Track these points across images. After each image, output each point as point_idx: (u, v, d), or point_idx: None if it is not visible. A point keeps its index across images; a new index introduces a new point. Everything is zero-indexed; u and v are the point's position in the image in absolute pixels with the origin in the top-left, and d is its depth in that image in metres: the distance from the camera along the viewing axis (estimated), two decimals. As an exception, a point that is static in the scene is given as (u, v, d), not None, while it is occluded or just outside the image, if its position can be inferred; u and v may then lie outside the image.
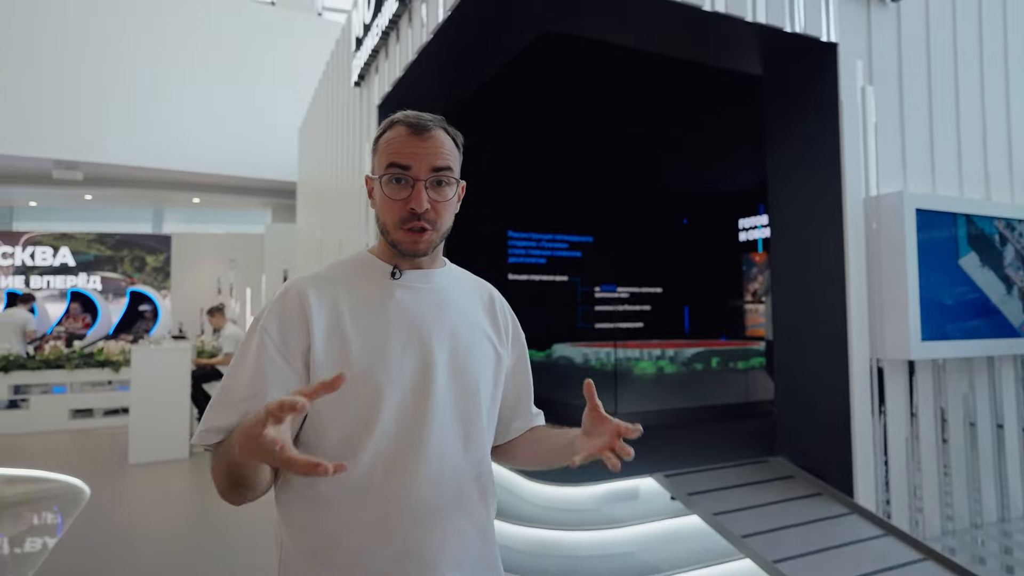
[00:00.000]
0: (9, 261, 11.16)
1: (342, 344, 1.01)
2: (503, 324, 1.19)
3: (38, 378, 7.43)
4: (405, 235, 1.06)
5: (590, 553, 3.15)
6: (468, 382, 1.08)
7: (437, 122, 1.08)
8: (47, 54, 8.60)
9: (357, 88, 5.26)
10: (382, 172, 1.06)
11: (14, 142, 8.37)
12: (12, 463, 5.85)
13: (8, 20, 8.49)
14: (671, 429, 5.10)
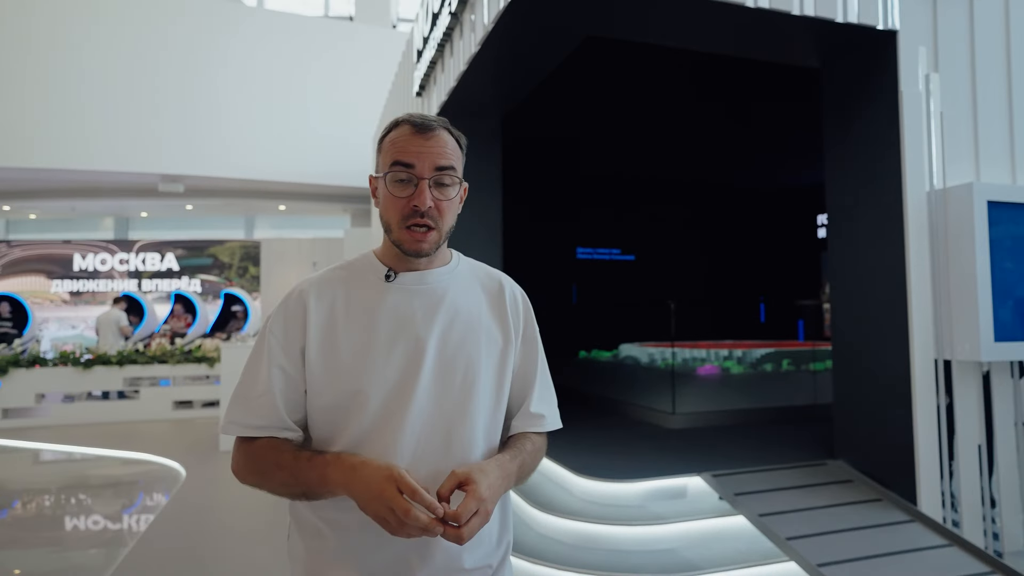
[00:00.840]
0: (125, 266, 12.38)
1: (333, 344, 1.05)
2: (513, 317, 1.16)
3: (147, 372, 8.24)
4: (408, 234, 1.06)
5: (633, 548, 3.21)
6: (457, 380, 1.06)
7: (441, 123, 1.10)
8: (150, 81, 9.48)
9: (419, 98, 5.51)
10: (386, 170, 1.07)
11: (126, 159, 9.30)
12: (126, 446, 6.55)
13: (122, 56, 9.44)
14: (728, 430, 5.02)
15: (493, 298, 1.16)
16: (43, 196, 10.85)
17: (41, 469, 6.22)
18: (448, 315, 1.09)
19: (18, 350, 8.26)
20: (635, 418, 5.65)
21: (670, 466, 3.83)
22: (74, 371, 7.97)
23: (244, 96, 9.88)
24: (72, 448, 6.66)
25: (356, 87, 10.33)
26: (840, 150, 3.98)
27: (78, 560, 3.81)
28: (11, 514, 4.81)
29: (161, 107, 9.46)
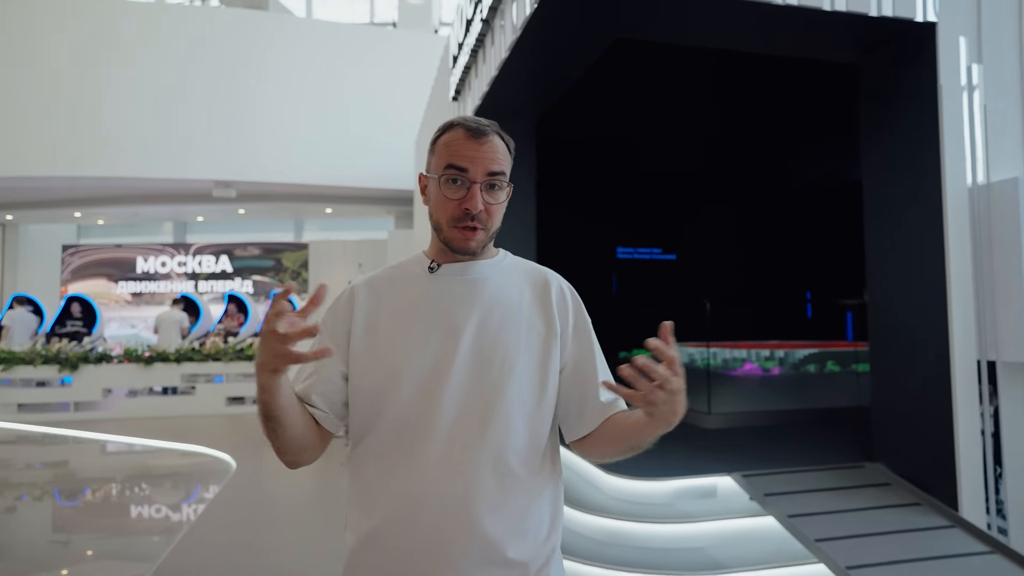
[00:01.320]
0: (183, 268, 13.00)
1: (375, 331, 1.11)
2: (559, 311, 1.15)
3: (202, 369, 8.65)
4: (458, 233, 1.09)
5: (660, 546, 3.23)
6: (494, 367, 1.07)
7: (493, 127, 1.12)
8: (205, 93, 9.94)
9: (455, 102, 5.63)
10: (440, 172, 1.10)
11: (183, 167, 9.79)
12: (183, 439, 6.91)
13: (179, 72, 9.93)
14: (766, 431, 4.96)
15: (537, 290, 1.16)
16: (110, 203, 11.51)
17: (107, 459, 6.63)
18: (487, 303, 1.11)
19: (87, 348, 8.79)
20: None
21: (701, 465, 3.82)
22: (136, 368, 8.44)
23: (292, 104, 10.24)
24: (134, 440, 7.07)
25: (398, 92, 10.57)
26: (877, 145, 3.89)
27: (138, 545, 4.08)
28: (82, 500, 5.17)
29: (215, 117, 9.91)
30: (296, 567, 3.46)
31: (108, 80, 9.73)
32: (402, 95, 10.48)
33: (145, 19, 10.26)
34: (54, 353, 8.39)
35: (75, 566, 3.57)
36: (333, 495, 4.77)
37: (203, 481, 5.54)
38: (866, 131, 4.00)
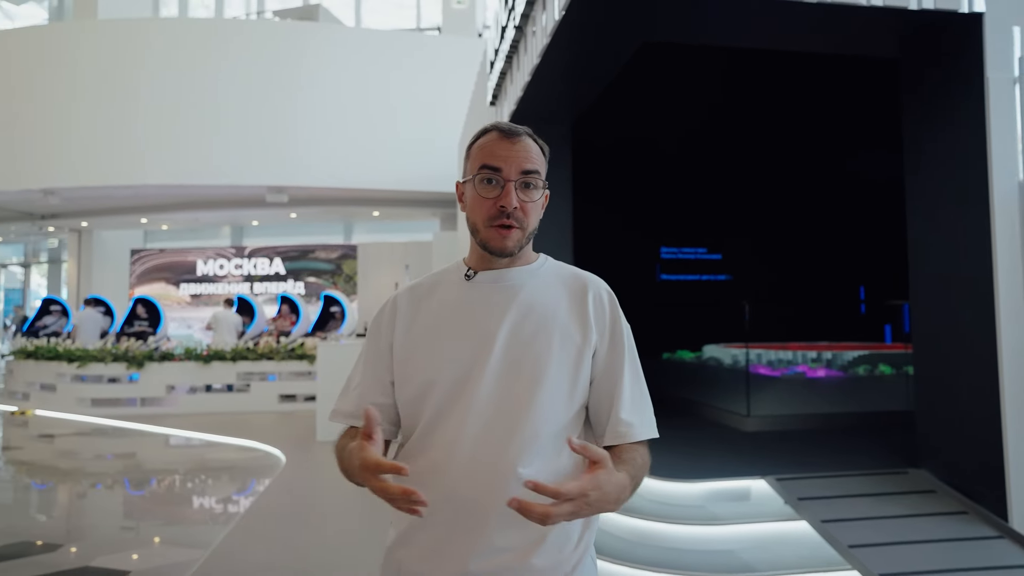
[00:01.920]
0: (239, 271, 13.57)
1: (414, 339, 1.13)
2: (596, 318, 1.13)
3: (256, 368, 9.03)
4: (494, 232, 1.10)
5: (689, 547, 3.23)
6: (524, 375, 1.07)
7: (526, 131, 1.14)
8: (257, 102, 10.36)
9: (492, 107, 5.73)
10: (475, 173, 1.11)
11: (237, 174, 10.24)
12: (238, 434, 7.25)
13: (233, 82, 10.39)
14: (806, 435, 4.86)
15: (574, 297, 1.14)
16: (172, 209, 12.13)
17: (170, 452, 7.01)
18: (521, 311, 1.10)
19: (152, 347, 9.31)
20: (710, 420, 5.58)
21: (735, 468, 3.79)
22: (196, 366, 8.88)
23: (341, 110, 10.56)
24: (194, 434, 7.46)
25: (442, 96, 10.76)
26: (919, 141, 3.77)
27: (195, 533, 4.33)
28: (147, 489, 5.52)
29: (267, 125, 10.33)
30: (336, 560, 3.61)
31: (170, 94, 10.26)
32: (446, 99, 10.65)
33: (206, 36, 10.79)
34: (122, 351, 8.92)
35: (139, 549, 3.83)
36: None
37: (256, 475, 5.81)
38: (908, 127, 3.88)
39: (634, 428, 1.10)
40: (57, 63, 10.52)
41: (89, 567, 3.43)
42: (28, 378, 9.46)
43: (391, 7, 15.88)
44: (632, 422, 1.10)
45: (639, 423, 1.11)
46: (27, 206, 11.89)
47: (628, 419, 1.10)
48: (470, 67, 10.09)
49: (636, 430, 1.10)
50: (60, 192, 10.58)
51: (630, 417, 1.11)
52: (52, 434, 7.69)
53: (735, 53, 4.11)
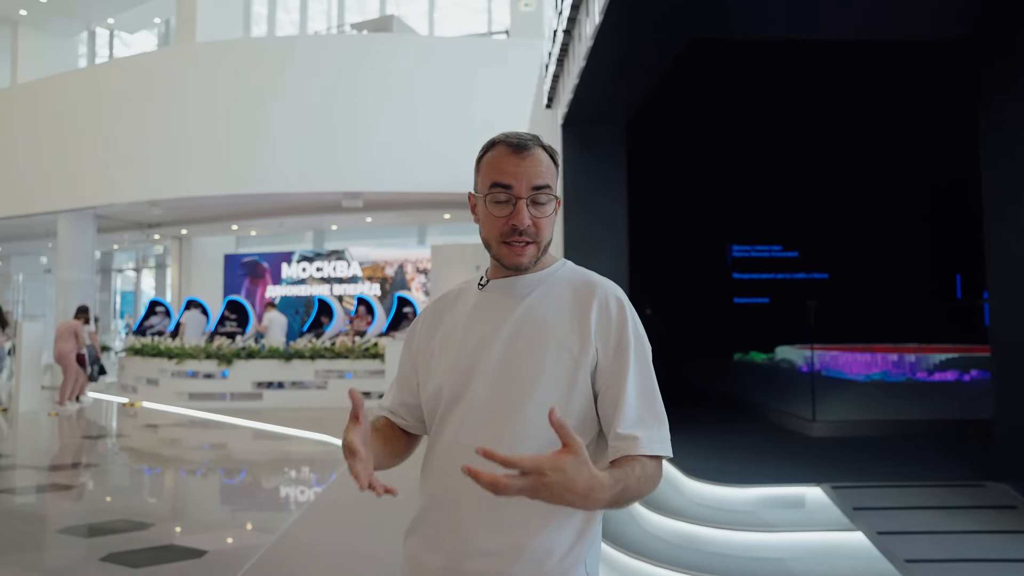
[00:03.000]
0: (320, 273, 14.30)
1: (431, 350, 1.18)
2: (598, 327, 1.09)
3: (333, 366, 9.52)
4: (507, 249, 1.10)
5: (736, 553, 3.17)
6: (515, 385, 1.07)
7: (536, 141, 1.13)
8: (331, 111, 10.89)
9: (548, 110, 5.79)
10: (485, 191, 1.11)
11: (315, 181, 10.81)
12: (315, 429, 7.68)
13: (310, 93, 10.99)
14: (877, 442, 4.61)
15: (578, 304, 1.11)
16: (259, 216, 12.97)
17: (255, 443, 7.53)
18: (521, 319, 1.10)
19: (240, 346, 10.00)
20: (775, 423, 5.39)
21: (791, 474, 3.67)
22: (278, 364, 9.47)
23: (413, 117, 10.92)
24: (276, 427, 7.97)
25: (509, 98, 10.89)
26: (996, 131, 3.50)
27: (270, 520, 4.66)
28: (236, 477, 5.98)
29: (343, 133, 10.84)
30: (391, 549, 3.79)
31: (256, 109, 10.98)
32: (513, 100, 10.78)
33: (289, 53, 11.47)
34: (214, 349, 9.64)
35: (218, 531, 4.18)
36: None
37: (328, 468, 6.15)
38: (984, 113, 3.61)
39: (637, 443, 1.03)
40: (161, 86, 11.49)
41: (173, 545, 3.78)
42: (136, 373, 10.40)
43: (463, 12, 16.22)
44: (636, 436, 1.04)
45: (645, 437, 1.04)
46: (135, 216, 13.05)
47: (630, 433, 1.04)
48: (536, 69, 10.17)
49: (639, 445, 1.03)
50: (162, 203, 11.55)
51: (632, 431, 1.04)
52: (156, 424, 8.43)
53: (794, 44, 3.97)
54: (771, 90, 5.58)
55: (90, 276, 12.74)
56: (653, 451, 1.04)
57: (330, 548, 3.77)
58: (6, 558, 3.59)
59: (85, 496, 5.14)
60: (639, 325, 1.13)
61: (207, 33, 13.60)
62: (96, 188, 11.70)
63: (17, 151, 12.58)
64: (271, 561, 3.52)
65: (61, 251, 12.58)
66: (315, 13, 16.65)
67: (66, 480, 5.61)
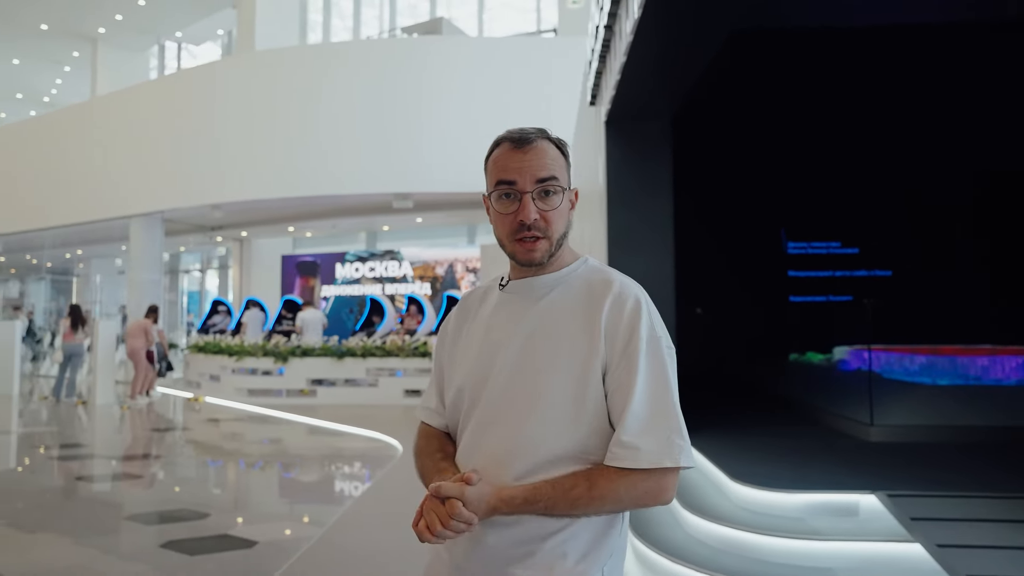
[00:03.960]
0: (372, 273, 14.62)
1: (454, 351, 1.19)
2: (608, 327, 1.05)
3: (384, 364, 9.72)
4: (519, 246, 1.09)
5: (781, 560, 3.06)
6: (526, 387, 1.06)
7: (539, 133, 1.12)
8: (384, 113, 11.11)
9: (592, 107, 5.74)
10: (491, 190, 1.11)
11: (366, 183, 11.06)
12: (366, 425, 7.86)
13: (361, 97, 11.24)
14: (940, 449, 4.35)
15: (592, 304, 1.08)
16: (314, 217, 13.36)
17: (310, 439, 7.77)
18: (534, 320, 1.09)
19: (295, 344, 10.34)
20: (830, 427, 5.17)
21: (845, 481, 3.51)
22: (331, 362, 9.73)
23: (461, 116, 11.03)
24: (329, 424, 8.21)
25: (557, 96, 10.86)
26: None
27: (320, 513, 4.81)
28: (291, 470, 6.20)
29: (393, 135, 11.05)
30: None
31: (311, 113, 11.32)
32: (560, 99, 10.75)
33: (342, 58, 11.78)
34: (271, 347, 9.99)
35: (270, 523, 4.33)
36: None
37: (377, 463, 6.29)
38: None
39: (638, 454, 0.99)
40: (223, 94, 12.01)
41: (227, 535, 3.94)
42: (200, 369, 10.90)
43: (512, 12, 16.26)
44: (638, 447, 1.00)
45: (647, 448, 0.99)
46: (199, 219, 13.68)
47: (631, 442, 1.00)
48: (582, 66, 10.10)
49: (639, 456, 0.99)
50: (224, 206, 12.05)
51: (635, 440, 1.00)
52: (218, 419, 8.81)
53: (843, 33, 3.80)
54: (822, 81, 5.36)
55: (159, 277, 13.43)
56: (658, 463, 0.99)
57: (374, 542, 3.85)
58: (85, 540, 3.84)
59: (150, 485, 5.43)
60: (657, 326, 1.07)
61: (265, 42, 14.12)
62: (164, 192, 12.33)
63: (96, 160, 13.38)
64: (317, 553, 3.62)
65: (133, 253, 13.31)
66: (368, 18, 17.02)
67: (136, 469, 5.94)
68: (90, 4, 15.17)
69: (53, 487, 5.36)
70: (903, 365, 5.94)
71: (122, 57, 17.47)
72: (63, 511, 4.57)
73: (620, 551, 1.10)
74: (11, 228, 14.88)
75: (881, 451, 4.34)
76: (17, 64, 18.03)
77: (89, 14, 15.65)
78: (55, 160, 14.06)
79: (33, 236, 15.28)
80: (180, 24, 17.06)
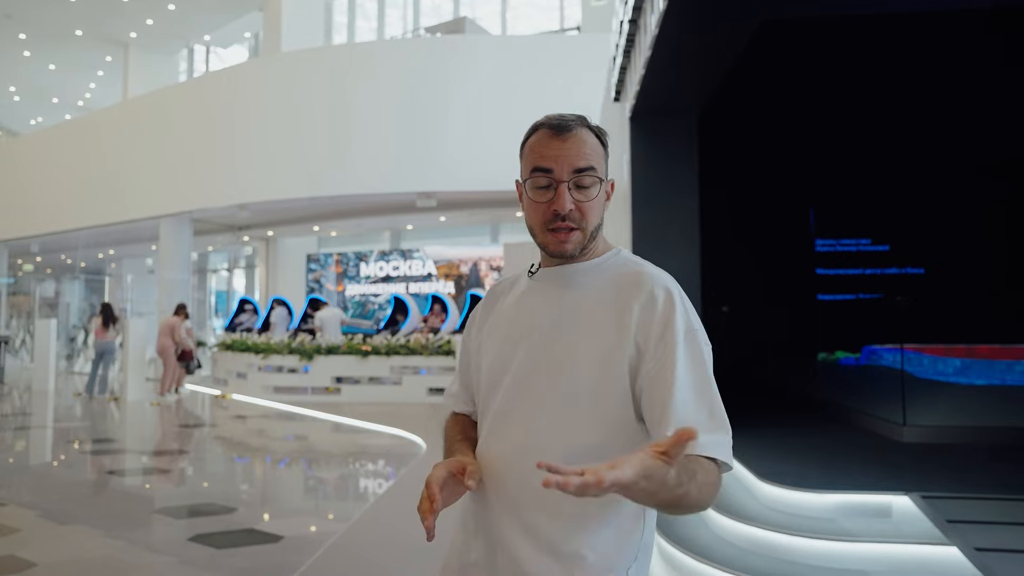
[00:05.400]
0: (397, 271, 14.71)
1: (482, 339, 1.18)
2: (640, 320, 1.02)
3: (408, 362, 9.76)
4: (551, 236, 1.06)
5: (811, 562, 2.99)
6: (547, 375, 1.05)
7: (579, 121, 1.08)
8: (408, 112, 11.17)
9: (616, 103, 5.69)
10: (526, 176, 1.08)
11: (390, 182, 11.13)
12: (390, 423, 7.91)
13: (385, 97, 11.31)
14: (974, 450, 4.23)
15: (622, 295, 1.05)
16: (338, 217, 13.49)
17: (335, 436, 7.84)
18: (560, 311, 1.07)
19: (319, 342, 10.44)
20: (862, 428, 5.06)
21: (877, 481, 3.43)
22: (355, 360, 9.81)
23: (484, 115, 11.03)
24: (354, 421, 8.27)
25: (580, 94, 10.78)
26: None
27: (344, 508, 4.84)
28: (316, 467, 6.26)
29: (418, 134, 11.09)
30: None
31: (339, 113, 11.42)
32: (584, 96, 10.66)
33: (367, 58, 11.87)
34: (296, 345, 10.11)
35: (295, 518, 4.38)
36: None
37: (400, 460, 6.32)
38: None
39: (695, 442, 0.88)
40: (250, 95, 12.18)
41: (254, 529, 3.99)
42: (227, 367, 11.07)
43: (535, 11, 16.23)
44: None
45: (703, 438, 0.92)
46: (227, 219, 13.89)
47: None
48: (606, 63, 10.03)
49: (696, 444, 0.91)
50: (250, 206, 12.22)
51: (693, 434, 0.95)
52: (245, 415, 8.95)
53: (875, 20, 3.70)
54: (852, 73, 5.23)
55: (187, 276, 13.68)
56: (712, 453, 0.93)
57: (397, 538, 3.86)
58: (115, 532, 3.91)
59: (179, 480, 5.52)
60: (693, 321, 1.03)
61: (292, 43, 14.29)
62: (192, 193, 12.55)
63: (127, 161, 13.68)
64: (341, 548, 3.64)
65: (162, 253, 13.58)
66: (392, 19, 17.13)
67: (165, 464, 6.05)
68: (122, 9, 15.51)
69: (86, 480, 5.49)
70: (936, 365, 5.79)
71: (153, 61, 17.84)
72: (95, 504, 4.67)
73: (646, 552, 1.07)
74: (47, 229, 15.29)
75: (914, 452, 4.23)
76: (53, 69, 18.52)
77: (121, 19, 16.00)
78: (89, 162, 14.41)
79: (68, 237, 15.67)
80: (208, 28, 17.36)
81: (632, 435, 1.03)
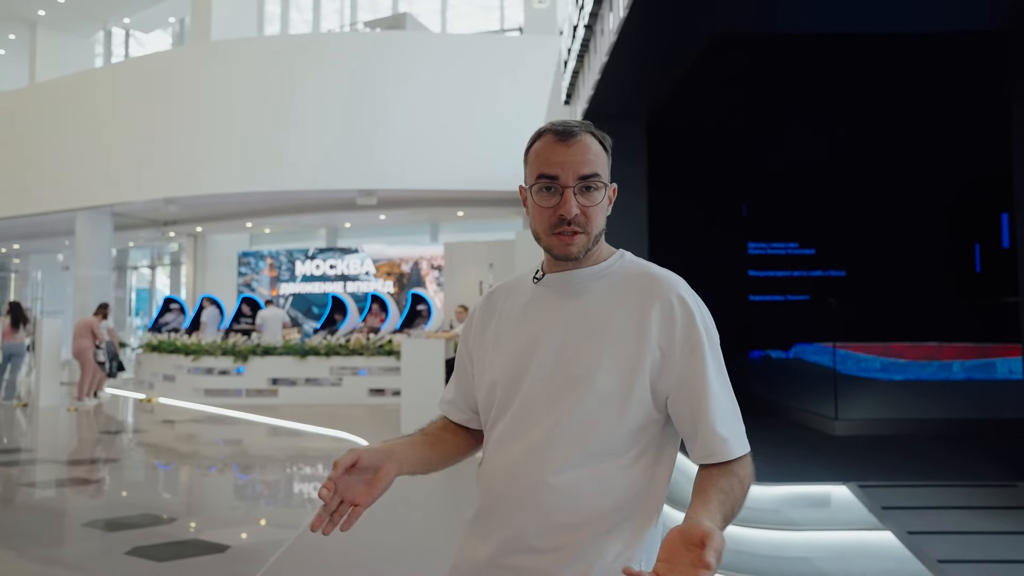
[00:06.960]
0: (333, 271, 14.35)
1: (484, 345, 1.18)
2: (661, 326, 1.06)
3: (348, 363, 9.54)
4: (556, 240, 1.08)
5: (761, 552, 3.14)
6: (569, 380, 1.06)
7: (584, 127, 1.10)
8: (347, 108, 10.92)
9: (566, 106, 5.76)
10: (532, 182, 1.10)
11: (331, 178, 10.84)
12: (330, 425, 7.70)
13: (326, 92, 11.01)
14: (903, 441, 4.55)
15: (639, 302, 1.07)
16: (273, 213, 13.02)
17: (271, 440, 7.57)
18: (575, 317, 1.09)
19: (255, 342, 10.05)
20: (796, 422, 5.34)
21: (816, 473, 3.63)
22: (293, 360, 9.50)
23: (426, 114, 10.92)
24: (291, 424, 8.01)
25: (524, 95, 10.86)
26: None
27: (290, 515, 4.68)
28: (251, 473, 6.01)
29: (357, 131, 10.86)
30: (411, 543, 3.79)
31: (272, 106, 11.02)
32: (528, 98, 10.75)
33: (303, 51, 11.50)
34: (230, 346, 9.69)
35: (240, 527, 4.19)
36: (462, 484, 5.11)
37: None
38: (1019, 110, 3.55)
39: (728, 444, 1.02)
40: (177, 84, 11.56)
41: (198, 539, 3.80)
42: (153, 369, 10.48)
43: (475, 10, 16.20)
44: (726, 437, 1.02)
45: (733, 438, 1.03)
46: (152, 214, 13.15)
47: (723, 434, 1.02)
48: (551, 66, 10.14)
49: (730, 446, 1.02)
50: (179, 200, 11.62)
51: (724, 432, 1.02)
52: (173, 420, 8.49)
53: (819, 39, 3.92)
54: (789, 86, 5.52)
55: (107, 273, 12.86)
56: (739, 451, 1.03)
57: (351, 542, 3.77)
58: (31, 552, 3.62)
59: (105, 491, 5.18)
60: (707, 318, 1.09)
61: (221, 32, 13.67)
62: (113, 186, 11.80)
63: (36, 150, 12.71)
64: (294, 556, 3.53)
65: (79, 249, 12.70)
66: (328, 12, 16.68)
67: (85, 474, 5.66)
68: (31, -15, 14.43)
69: (-4, 494, 5.07)
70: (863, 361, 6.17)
71: (64, 42, 16.63)
72: (7, 520, 4.31)
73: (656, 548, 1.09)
74: (-59, 221, 14.02)
75: (847, 444, 4.50)
76: (-53, 46, 17.02)
77: (29, -5, 14.88)
78: (-9, 149, 13.31)
79: (-35, 230, 14.43)
80: (128, 10, 16.36)
81: (652, 436, 1.08)
